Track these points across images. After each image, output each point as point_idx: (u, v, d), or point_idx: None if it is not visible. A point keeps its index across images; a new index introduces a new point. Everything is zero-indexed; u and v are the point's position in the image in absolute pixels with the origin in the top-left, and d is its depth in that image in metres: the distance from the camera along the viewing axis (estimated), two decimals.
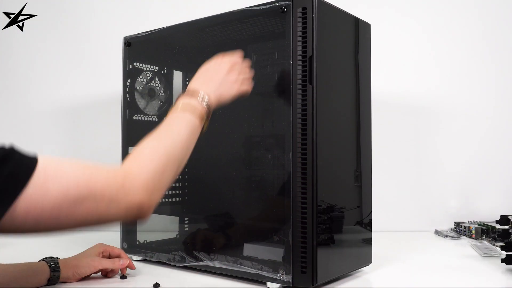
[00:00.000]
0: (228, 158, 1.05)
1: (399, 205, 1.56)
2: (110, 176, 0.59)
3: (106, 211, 0.57)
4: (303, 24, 0.86)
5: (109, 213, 0.57)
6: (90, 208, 0.55)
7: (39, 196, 0.51)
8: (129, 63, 1.17)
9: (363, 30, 1.02)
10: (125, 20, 1.62)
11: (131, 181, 0.60)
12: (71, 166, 0.56)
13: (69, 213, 0.54)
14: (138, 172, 0.62)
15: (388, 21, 1.57)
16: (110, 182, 0.58)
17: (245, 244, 0.96)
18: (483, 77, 1.59)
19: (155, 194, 0.63)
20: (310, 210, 0.84)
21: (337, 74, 0.94)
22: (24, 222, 0.51)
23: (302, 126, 0.86)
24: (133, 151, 0.66)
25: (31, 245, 1.34)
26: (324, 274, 0.87)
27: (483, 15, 1.59)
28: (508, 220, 1.03)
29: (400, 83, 1.59)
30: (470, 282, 0.96)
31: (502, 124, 1.59)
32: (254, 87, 0.91)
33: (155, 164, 0.64)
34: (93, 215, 0.56)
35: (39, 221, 0.52)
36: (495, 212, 1.28)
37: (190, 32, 1.08)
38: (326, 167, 0.87)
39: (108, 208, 0.57)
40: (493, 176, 1.58)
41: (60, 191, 0.53)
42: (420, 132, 1.60)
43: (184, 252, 1.02)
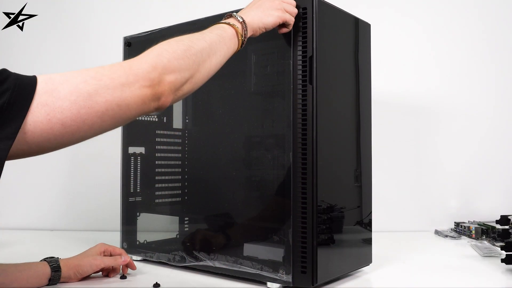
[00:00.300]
0: (228, 158, 1.05)
1: (399, 205, 1.56)
2: (116, 65, 0.60)
3: (122, 98, 0.58)
4: (303, 24, 0.86)
5: (126, 99, 0.58)
6: (106, 97, 0.56)
7: (54, 99, 0.53)
8: None
9: (363, 30, 1.02)
10: (125, 20, 1.62)
11: (138, 63, 0.61)
12: (75, 71, 0.58)
13: (89, 108, 0.55)
14: (146, 55, 0.63)
15: (388, 21, 1.57)
16: (118, 69, 0.59)
17: (245, 244, 0.96)
18: (483, 77, 1.59)
19: (167, 74, 0.62)
20: (310, 210, 0.84)
21: (337, 74, 0.94)
22: (51, 128, 0.53)
23: (302, 126, 0.86)
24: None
25: (31, 245, 1.34)
26: (324, 274, 0.87)
27: (483, 15, 1.59)
28: (508, 220, 1.03)
29: (400, 83, 1.59)
30: (470, 282, 0.96)
31: (502, 124, 1.59)
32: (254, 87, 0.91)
33: (166, 48, 0.64)
34: (111, 104, 0.57)
35: (65, 123, 0.54)
36: (495, 212, 1.28)
37: (190, 32, 1.08)
38: (326, 167, 0.87)
39: (123, 94, 0.58)
40: (493, 176, 1.58)
41: (72, 90, 0.55)
42: (420, 132, 1.60)
43: (184, 252, 1.02)
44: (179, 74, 0.65)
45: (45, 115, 0.53)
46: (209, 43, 0.71)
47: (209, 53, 0.70)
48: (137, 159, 1.17)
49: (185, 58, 0.66)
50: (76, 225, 1.58)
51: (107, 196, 1.51)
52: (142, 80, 0.60)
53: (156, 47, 0.66)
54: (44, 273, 0.86)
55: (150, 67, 0.61)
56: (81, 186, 1.63)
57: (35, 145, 0.54)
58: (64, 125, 0.54)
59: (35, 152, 0.56)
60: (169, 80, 0.63)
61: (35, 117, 0.53)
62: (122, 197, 1.17)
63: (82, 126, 0.56)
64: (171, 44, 0.67)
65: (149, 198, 1.17)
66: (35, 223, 1.59)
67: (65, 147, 0.58)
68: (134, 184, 1.16)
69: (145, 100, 0.60)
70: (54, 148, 0.57)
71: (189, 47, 0.68)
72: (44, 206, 1.62)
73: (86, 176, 1.62)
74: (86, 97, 0.55)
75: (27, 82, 0.53)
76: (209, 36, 0.72)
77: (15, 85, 0.52)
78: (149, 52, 0.64)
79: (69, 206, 1.62)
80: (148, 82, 0.60)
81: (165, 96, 0.63)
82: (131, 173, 1.16)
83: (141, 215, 1.16)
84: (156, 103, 0.62)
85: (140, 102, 0.60)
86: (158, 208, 1.18)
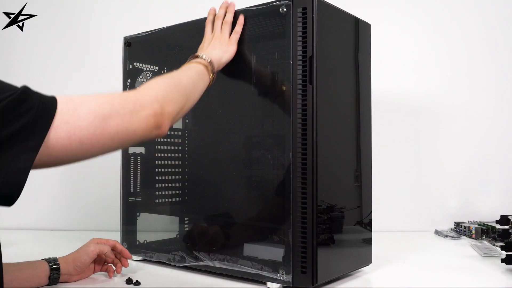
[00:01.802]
0: (228, 158, 1.05)
1: (399, 205, 1.56)
2: (124, 95, 0.69)
3: (131, 123, 0.66)
4: (303, 24, 0.86)
5: (134, 125, 0.66)
6: (118, 121, 0.64)
7: (74, 118, 0.60)
8: (129, 63, 1.17)
9: (363, 30, 1.02)
10: (125, 20, 1.62)
11: (143, 95, 0.70)
12: (90, 95, 0.65)
13: (102, 129, 0.63)
14: (147, 89, 0.73)
15: (388, 21, 1.57)
16: (126, 98, 0.68)
17: (245, 244, 0.96)
18: (483, 77, 1.59)
19: (166, 106, 0.72)
20: (310, 210, 0.84)
21: (337, 74, 0.94)
22: (70, 144, 0.60)
23: (302, 126, 0.86)
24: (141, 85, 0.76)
25: (31, 245, 1.34)
26: (324, 274, 0.87)
27: (483, 15, 1.59)
28: (508, 220, 1.03)
29: (400, 83, 1.59)
30: (470, 282, 0.96)
31: (502, 124, 1.59)
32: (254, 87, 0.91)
33: (162, 84, 0.75)
34: (122, 128, 0.65)
35: (82, 141, 0.61)
36: (495, 212, 1.28)
37: (190, 32, 1.08)
38: (326, 167, 0.87)
39: (131, 120, 0.66)
40: (493, 176, 1.58)
41: (89, 112, 0.62)
42: (420, 132, 1.60)
43: (184, 252, 1.02)
44: (176, 105, 0.75)
45: (66, 132, 0.59)
46: (192, 80, 0.83)
47: (193, 88, 0.82)
48: (137, 159, 1.17)
49: (178, 92, 0.77)
50: (76, 225, 1.58)
51: (107, 196, 1.51)
52: (147, 109, 0.68)
53: (152, 83, 0.75)
54: (43, 271, 0.87)
55: (154, 99, 0.70)
56: (81, 186, 1.63)
57: (54, 159, 0.60)
58: (82, 142, 0.61)
59: (53, 165, 0.62)
60: (168, 111, 0.72)
61: (58, 133, 0.58)
62: (122, 197, 1.17)
63: (96, 145, 0.63)
64: (165, 80, 0.77)
65: (149, 198, 1.17)
66: (35, 223, 1.59)
67: (77, 162, 0.64)
68: (134, 184, 1.16)
69: (149, 127, 0.69)
70: (69, 162, 0.63)
71: (179, 83, 0.78)
72: (44, 206, 1.62)
73: (86, 176, 1.62)
74: (101, 119, 0.62)
75: (49, 101, 0.59)
76: (191, 73, 0.84)
77: (39, 103, 0.58)
78: (149, 87, 0.74)
79: (69, 206, 1.63)
80: (152, 112, 0.69)
81: (165, 125, 0.72)
82: (131, 173, 1.16)
83: (141, 215, 1.16)
84: (157, 131, 0.71)
85: (145, 128, 0.68)
86: (158, 208, 1.18)
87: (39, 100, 0.58)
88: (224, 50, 0.93)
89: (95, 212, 1.59)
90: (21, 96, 0.57)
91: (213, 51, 0.92)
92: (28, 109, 0.56)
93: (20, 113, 0.56)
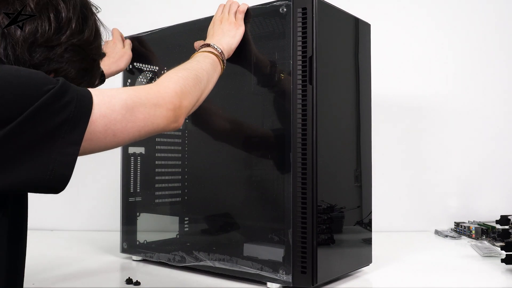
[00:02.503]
0: (228, 158, 1.05)
1: (399, 205, 1.56)
2: (147, 88, 0.70)
3: (155, 116, 0.67)
4: (303, 24, 0.86)
5: (158, 118, 0.67)
6: (145, 114, 0.65)
7: (110, 111, 0.61)
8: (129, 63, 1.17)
9: (363, 30, 1.02)
10: (125, 20, 1.62)
11: (164, 89, 0.71)
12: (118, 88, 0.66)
13: (133, 122, 0.64)
14: (167, 82, 0.73)
15: (389, 21, 1.57)
16: (149, 91, 0.68)
17: (245, 244, 0.96)
18: (483, 77, 1.59)
19: (184, 100, 0.73)
20: (310, 210, 0.84)
21: (337, 74, 0.94)
22: (105, 138, 0.61)
23: (302, 126, 0.86)
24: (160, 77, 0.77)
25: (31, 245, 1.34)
26: (324, 274, 0.87)
27: (486, 14, 1.59)
28: (508, 220, 1.03)
29: (400, 83, 1.59)
30: (470, 282, 0.96)
31: (502, 124, 1.59)
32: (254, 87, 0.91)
33: (180, 77, 0.76)
34: (148, 121, 0.66)
35: (116, 134, 0.62)
36: (495, 212, 1.28)
37: (190, 32, 1.08)
38: (326, 167, 0.87)
39: (155, 113, 0.67)
40: (493, 176, 1.58)
41: (123, 105, 0.62)
42: (420, 132, 1.60)
43: (184, 252, 1.02)
44: (192, 99, 0.76)
45: (103, 126, 0.60)
46: (207, 72, 0.83)
47: (208, 81, 0.82)
48: (137, 159, 1.17)
49: (195, 86, 0.77)
50: (76, 225, 1.58)
51: (107, 196, 1.51)
52: (168, 103, 0.70)
53: (172, 75, 0.76)
54: None
55: (174, 93, 0.71)
56: (81, 186, 1.63)
57: (88, 150, 0.61)
58: (115, 135, 0.62)
59: (82, 155, 0.61)
60: (185, 105, 0.73)
61: (96, 127, 0.59)
62: (122, 197, 1.17)
63: (126, 137, 0.64)
64: (183, 73, 0.78)
65: (149, 198, 1.17)
66: (35, 223, 1.59)
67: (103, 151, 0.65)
68: (134, 184, 1.16)
69: (169, 120, 0.70)
70: (96, 152, 0.64)
71: (196, 77, 0.78)
72: (44, 206, 1.62)
73: (86, 176, 1.62)
74: (131, 112, 0.63)
75: (86, 94, 0.59)
76: (206, 65, 0.84)
77: (77, 95, 0.57)
78: (169, 80, 0.74)
79: (69, 206, 1.62)
80: (172, 106, 0.70)
81: (181, 119, 0.73)
82: (131, 173, 1.16)
83: (141, 215, 1.16)
84: (175, 124, 0.72)
85: (166, 121, 0.69)
86: (158, 208, 1.18)
87: (76, 93, 0.58)
88: (233, 35, 0.93)
89: (95, 212, 1.59)
90: (61, 89, 0.56)
91: (222, 39, 0.92)
92: (69, 102, 0.56)
93: (61, 106, 0.55)
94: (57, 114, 0.55)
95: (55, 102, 0.55)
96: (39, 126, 0.54)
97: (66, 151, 0.56)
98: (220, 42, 0.91)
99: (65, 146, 0.56)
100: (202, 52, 0.88)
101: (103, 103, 0.60)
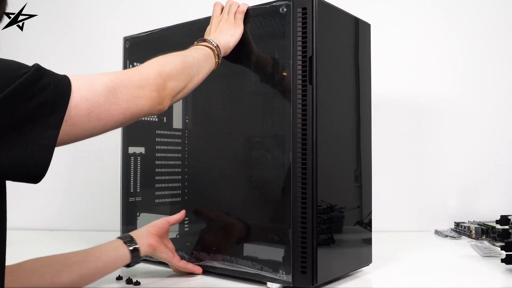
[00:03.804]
0: (228, 158, 1.05)
1: (399, 205, 1.56)
2: (130, 70, 0.70)
3: (139, 98, 0.67)
4: (303, 24, 0.86)
5: (141, 99, 0.68)
6: (128, 96, 0.66)
7: (92, 94, 0.61)
8: (129, 63, 1.17)
9: (363, 30, 1.02)
10: (125, 20, 1.62)
11: (147, 70, 0.71)
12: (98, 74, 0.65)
13: (116, 105, 0.64)
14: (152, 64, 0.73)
15: (389, 21, 1.57)
16: (132, 73, 0.69)
17: (245, 244, 0.96)
18: (483, 77, 1.59)
19: (169, 81, 0.73)
20: (310, 210, 0.84)
21: (337, 74, 0.94)
22: (89, 122, 0.60)
23: (302, 126, 0.86)
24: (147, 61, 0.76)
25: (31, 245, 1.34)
26: (324, 274, 0.87)
27: (486, 13, 1.59)
28: (508, 220, 1.03)
29: (400, 83, 1.59)
30: (470, 282, 0.96)
31: (503, 124, 1.59)
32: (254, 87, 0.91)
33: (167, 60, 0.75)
34: (131, 103, 0.66)
35: (99, 117, 0.62)
36: (495, 212, 1.28)
37: (190, 32, 1.08)
38: (326, 167, 0.87)
39: (138, 93, 0.67)
40: (493, 176, 1.58)
41: (104, 87, 0.63)
42: (420, 132, 1.60)
43: (184, 252, 1.02)
44: (178, 83, 0.75)
45: (86, 109, 0.60)
46: (197, 60, 0.82)
47: (198, 69, 0.82)
48: (137, 159, 1.17)
49: (182, 70, 0.77)
50: (76, 225, 1.58)
51: (107, 196, 1.51)
52: (151, 84, 0.70)
53: (158, 59, 0.76)
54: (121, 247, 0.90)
55: (157, 74, 0.71)
56: (81, 186, 1.63)
57: (74, 136, 0.60)
58: (99, 119, 0.62)
59: (69, 142, 0.61)
60: (170, 87, 0.73)
61: (78, 111, 0.59)
62: (122, 197, 1.17)
63: (111, 121, 0.64)
64: (170, 57, 0.77)
65: (149, 198, 1.17)
66: (35, 223, 1.59)
67: (91, 137, 0.65)
68: (134, 184, 1.16)
69: (153, 102, 0.70)
70: (83, 138, 0.63)
71: (185, 62, 0.78)
72: (44, 206, 1.62)
73: (86, 176, 1.62)
74: (114, 95, 0.64)
75: (63, 78, 0.59)
76: (197, 55, 0.83)
77: (55, 80, 0.58)
78: (154, 62, 0.74)
79: (69, 206, 1.62)
80: (155, 87, 0.70)
81: (166, 101, 0.73)
82: (131, 173, 1.16)
83: (141, 215, 1.16)
84: (160, 106, 0.72)
85: (150, 103, 0.69)
86: (158, 208, 1.17)
87: (53, 78, 0.58)
88: (232, 34, 0.93)
89: (95, 212, 1.59)
90: (36, 73, 0.56)
91: (220, 36, 0.91)
92: (45, 85, 0.56)
93: (37, 90, 0.55)
94: (33, 98, 0.55)
95: (31, 86, 0.55)
96: (16, 110, 0.53)
97: (45, 134, 0.55)
98: (217, 38, 0.91)
99: (43, 129, 0.55)
100: (197, 45, 0.88)
101: (84, 86, 0.60)
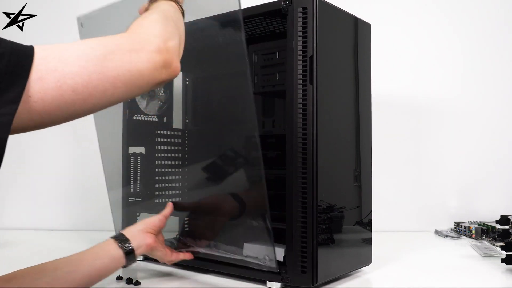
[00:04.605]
0: (228, 158, 1.05)
1: (399, 205, 1.56)
2: (117, 35, 0.62)
3: (132, 62, 0.59)
4: (303, 24, 0.86)
5: (137, 65, 0.59)
6: (115, 61, 0.57)
7: (62, 65, 0.53)
8: None
9: (363, 30, 1.02)
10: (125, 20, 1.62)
11: (138, 33, 0.63)
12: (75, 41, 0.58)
13: (99, 73, 0.56)
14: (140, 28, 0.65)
15: (389, 21, 1.57)
16: (118, 38, 0.61)
17: (245, 244, 0.96)
18: (483, 77, 1.59)
19: (169, 41, 0.65)
20: (310, 210, 0.84)
21: (337, 74, 0.94)
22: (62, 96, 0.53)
23: (302, 126, 0.86)
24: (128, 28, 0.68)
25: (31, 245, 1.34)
26: (324, 274, 0.87)
27: (486, 13, 1.59)
28: (508, 220, 1.03)
29: (400, 83, 1.59)
30: (470, 282, 0.96)
31: (503, 124, 1.59)
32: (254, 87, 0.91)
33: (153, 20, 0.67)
34: (122, 69, 0.58)
35: (76, 90, 0.54)
36: (495, 212, 1.28)
37: (190, 32, 1.08)
38: (326, 167, 0.87)
39: (131, 60, 0.59)
40: (493, 176, 1.58)
41: (80, 55, 0.55)
42: (420, 132, 1.60)
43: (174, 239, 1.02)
44: (175, 40, 0.67)
45: (55, 82, 0.52)
46: (174, 14, 0.74)
47: (179, 21, 0.74)
48: (137, 159, 1.17)
49: (172, 26, 0.69)
50: (76, 225, 1.58)
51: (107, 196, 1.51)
52: (149, 46, 0.61)
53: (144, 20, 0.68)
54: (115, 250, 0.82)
55: (152, 35, 0.63)
56: (81, 186, 1.63)
57: (46, 115, 0.54)
58: (76, 91, 0.54)
59: (48, 123, 0.56)
60: (172, 45, 0.65)
61: (46, 83, 0.52)
62: (122, 197, 1.17)
63: (95, 93, 0.56)
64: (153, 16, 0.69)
65: (149, 198, 1.17)
66: (35, 223, 1.59)
67: (79, 117, 0.58)
68: (134, 184, 1.16)
69: (156, 66, 0.62)
70: (67, 118, 0.57)
71: (167, 17, 0.70)
72: (44, 206, 1.62)
73: (86, 176, 1.62)
74: (95, 62, 0.56)
75: (23, 47, 0.52)
76: (165, 7, 0.74)
77: (12, 49, 0.51)
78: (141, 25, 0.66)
79: (69, 206, 1.62)
80: (155, 48, 0.62)
81: (175, 62, 0.65)
82: (131, 173, 1.16)
83: (141, 215, 1.16)
84: (168, 70, 0.64)
85: (151, 68, 0.61)
86: (158, 208, 1.17)
87: (10, 47, 0.51)
88: None
89: (95, 212, 1.58)
90: None
91: None
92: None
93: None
94: None
95: None
96: None
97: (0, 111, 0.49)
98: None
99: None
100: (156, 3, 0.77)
101: (52, 57, 0.53)
